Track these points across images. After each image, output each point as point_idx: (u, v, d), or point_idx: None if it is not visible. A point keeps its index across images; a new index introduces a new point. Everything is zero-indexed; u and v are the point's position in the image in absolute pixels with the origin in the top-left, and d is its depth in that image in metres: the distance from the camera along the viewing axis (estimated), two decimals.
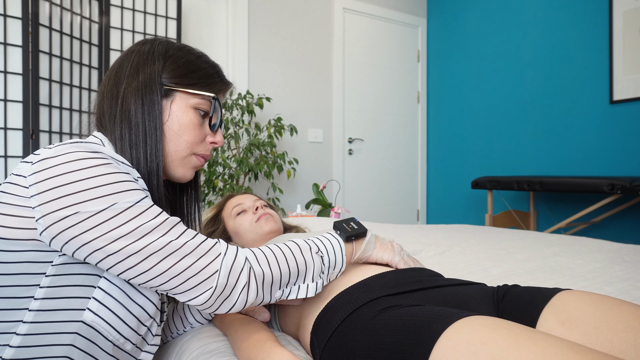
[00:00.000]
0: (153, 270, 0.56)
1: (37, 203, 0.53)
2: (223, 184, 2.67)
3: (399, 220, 3.91)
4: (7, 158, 1.89)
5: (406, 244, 1.60)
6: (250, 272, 0.63)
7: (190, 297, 0.60)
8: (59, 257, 0.56)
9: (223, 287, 0.60)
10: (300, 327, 0.73)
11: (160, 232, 0.57)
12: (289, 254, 0.68)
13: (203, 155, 0.74)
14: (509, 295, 0.70)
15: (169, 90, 0.69)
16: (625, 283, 1.08)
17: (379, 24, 3.76)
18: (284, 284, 0.67)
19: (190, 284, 0.58)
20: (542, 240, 1.67)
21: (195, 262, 0.58)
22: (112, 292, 0.59)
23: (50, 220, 0.53)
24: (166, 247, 0.57)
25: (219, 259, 0.60)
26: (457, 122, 3.77)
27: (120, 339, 0.60)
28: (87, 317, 0.57)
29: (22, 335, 0.55)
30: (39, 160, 0.55)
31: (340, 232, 0.76)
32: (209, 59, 0.76)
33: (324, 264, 0.71)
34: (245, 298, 0.63)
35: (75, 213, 0.53)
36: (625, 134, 2.69)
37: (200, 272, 0.58)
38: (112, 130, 0.67)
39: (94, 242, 0.54)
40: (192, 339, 0.79)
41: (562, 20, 3.01)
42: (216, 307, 0.62)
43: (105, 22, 2.28)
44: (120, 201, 0.55)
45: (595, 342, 0.58)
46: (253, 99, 2.80)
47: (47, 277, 0.56)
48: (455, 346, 0.50)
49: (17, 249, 0.55)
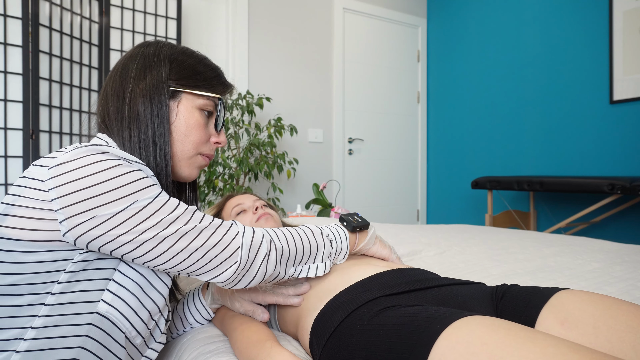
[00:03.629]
0: (182, 253, 0.60)
1: (60, 206, 0.55)
2: (223, 184, 2.67)
3: (399, 220, 3.91)
4: (7, 158, 1.89)
5: (406, 244, 1.60)
6: (271, 245, 0.68)
7: (215, 274, 0.64)
8: (79, 255, 0.58)
9: (245, 262, 0.65)
10: (299, 328, 0.73)
11: (184, 219, 0.61)
12: (302, 234, 0.74)
13: (208, 155, 0.77)
14: (508, 294, 0.70)
15: (176, 91, 0.71)
16: (625, 283, 1.08)
17: (379, 24, 3.76)
18: (298, 262, 0.73)
19: (217, 262, 0.63)
20: (542, 240, 1.67)
21: (219, 240, 0.63)
22: (126, 285, 0.62)
23: (74, 222, 0.55)
24: (192, 230, 0.61)
25: (239, 236, 0.65)
26: (457, 122, 3.77)
27: (132, 332, 0.63)
28: (101, 308, 0.60)
29: (37, 329, 0.56)
30: (57, 165, 0.57)
31: (347, 223, 0.84)
32: (211, 62, 0.78)
33: (332, 248, 0.78)
34: (265, 271, 0.67)
35: (97, 215, 0.55)
36: (625, 134, 2.69)
37: (225, 250, 0.63)
38: (120, 131, 0.69)
39: (123, 236, 0.57)
40: (192, 339, 0.79)
41: (562, 20, 3.01)
42: (236, 282, 0.66)
43: (105, 22, 2.28)
44: (140, 198, 0.58)
45: (594, 342, 0.58)
46: (253, 99, 2.80)
47: (65, 273, 0.58)
48: (455, 346, 0.50)
49: (37, 249, 0.56)
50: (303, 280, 0.80)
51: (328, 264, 0.77)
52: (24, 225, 0.56)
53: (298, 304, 0.76)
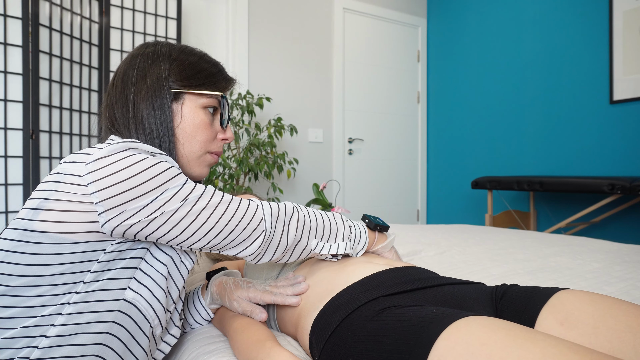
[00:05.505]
0: (215, 228, 0.64)
1: (99, 199, 0.58)
2: (223, 184, 2.67)
3: (399, 220, 3.91)
4: (7, 158, 1.89)
5: (406, 244, 1.60)
6: (293, 211, 0.72)
7: (244, 247, 0.67)
8: (111, 245, 0.61)
9: (270, 230, 0.68)
10: (299, 328, 0.73)
11: (211, 197, 0.65)
12: (323, 214, 0.77)
13: (216, 152, 0.78)
14: (508, 294, 0.70)
15: (178, 93, 0.72)
16: (625, 283, 1.08)
17: (379, 24, 3.76)
18: (320, 235, 0.75)
19: (246, 234, 0.66)
20: (542, 240, 1.67)
21: (245, 213, 0.66)
22: (151, 273, 0.65)
23: (113, 213, 0.59)
24: (220, 205, 0.65)
25: (259, 209, 0.68)
26: (457, 122, 3.77)
27: (155, 320, 0.66)
28: (128, 295, 0.63)
29: (66, 315, 0.58)
30: (94, 160, 0.60)
31: (368, 220, 0.86)
32: (211, 58, 0.79)
33: (351, 233, 0.79)
34: (287, 237, 0.70)
35: (133, 206, 0.59)
36: (625, 134, 2.69)
37: (251, 221, 0.67)
38: (127, 136, 0.70)
39: (158, 219, 0.60)
40: (192, 339, 0.79)
41: (562, 21, 3.00)
42: (262, 254, 0.70)
43: (105, 22, 2.28)
44: (169, 187, 0.61)
45: (594, 342, 0.58)
46: (253, 99, 2.80)
47: (98, 263, 0.60)
48: (454, 347, 0.50)
49: (72, 241, 0.59)
50: (302, 279, 0.80)
51: (349, 244, 0.78)
52: (61, 219, 0.58)
53: (296, 304, 0.76)
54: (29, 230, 0.59)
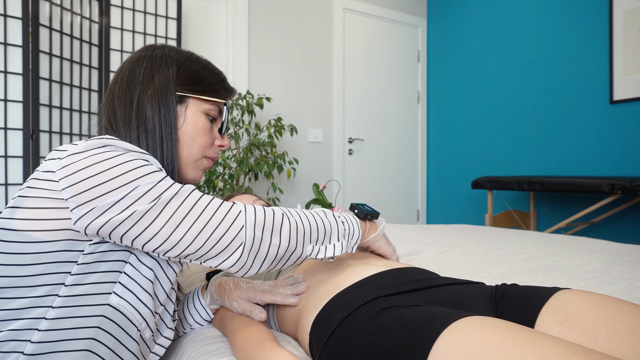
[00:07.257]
0: (188, 235, 0.60)
1: (69, 195, 0.57)
2: (223, 184, 2.67)
3: (399, 220, 3.91)
4: (7, 158, 1.89)
5: (406, 244, 1.60)
6: (283, 219, 0.67)
7: (222, 258, 0.63)
8: (89, 246, 0.60)
9: (252, 241, 0.63)
10: (298, 328, 0.73)
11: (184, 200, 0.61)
12: (314, 214, 0.74)
13: (212, 158, 0.79)
14: (508, 294, 0.70)
15: (183, 96, 0.73)
16: (625, 283, 1.08)
17: (379, 24, 3.76)
18: (314, 239, 0.71)
19: (223, 244, 0.62)
20: (542, 240, 1.66)
21: (222, 221, 0.62)
22: (136, 278, 0.63)
23: (84, 210, 0.57)
24: (194, 208, 0.61)
25: (241, 215, 0.64)
26: (457, 122, 3.77)
27: (142, 323, 0.64)
28: (112, 300, 0.61)
29: (50, 320, 0.57)
30: (67, 156, 0.59)
31: (358, 210, 0.84)
32: (215, 67, 0.80)
33: (345, 229, 0.76)
34: (277, 247, 0.65)
35: (102, 203, 0.57)
36: (625, 134, 2.68)
37: (229, 230, 0.62)
38: (127, 134, 0.70)
39: (128, 220, 0.58)
40: (192, 339, 0.79)
41: (562, 20, 3.00)
42: (248, 266, 0.64)
43: (105, 22, 2.28)
44: (141, 184, 0.59)
45: (594, 342, 0.58)
46: (253, 99, 2.80)
47: (77, 265, 0.59)
48: (454, 347, 0.50)
49: (51, 239, 0.58)
50: (301, 279, 0.80)
51: (344, 243, 0.75)
52: (36, 216, 0.58)
53: (296, 304, 0.76)
54: (6, 230, 0.58)
